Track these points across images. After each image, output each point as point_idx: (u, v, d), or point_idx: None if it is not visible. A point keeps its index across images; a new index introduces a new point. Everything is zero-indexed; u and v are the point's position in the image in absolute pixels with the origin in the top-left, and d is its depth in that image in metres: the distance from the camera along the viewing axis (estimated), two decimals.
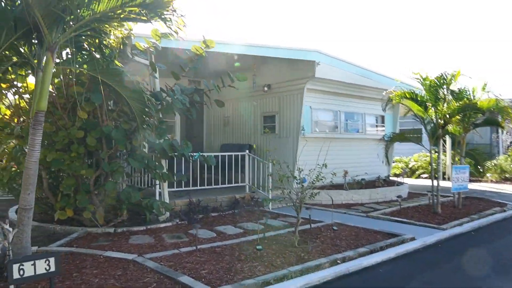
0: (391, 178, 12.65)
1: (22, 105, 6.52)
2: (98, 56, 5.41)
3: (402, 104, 8.76)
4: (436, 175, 8.50)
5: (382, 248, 5.64)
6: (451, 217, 7.96)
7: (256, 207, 8.83)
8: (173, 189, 8.37)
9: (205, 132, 13.36)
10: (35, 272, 3.46)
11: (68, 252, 5.15)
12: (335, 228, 6.49)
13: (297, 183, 6.49)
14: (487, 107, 8.25)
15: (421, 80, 8.19)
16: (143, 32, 6.45)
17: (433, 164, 8.69)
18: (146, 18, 4.39)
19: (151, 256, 5.01)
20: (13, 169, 6.77)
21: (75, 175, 6.42)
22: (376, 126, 12.59)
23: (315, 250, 5.42)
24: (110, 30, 5.08)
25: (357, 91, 11.35)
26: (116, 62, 5.43)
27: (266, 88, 10.82)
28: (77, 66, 4.88)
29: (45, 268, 3.52)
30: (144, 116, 5.60)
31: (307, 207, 9.26)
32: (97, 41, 5.19)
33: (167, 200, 7.25)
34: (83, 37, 4.66)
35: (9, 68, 5.27)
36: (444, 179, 14.78)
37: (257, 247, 5.29)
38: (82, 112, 6.17)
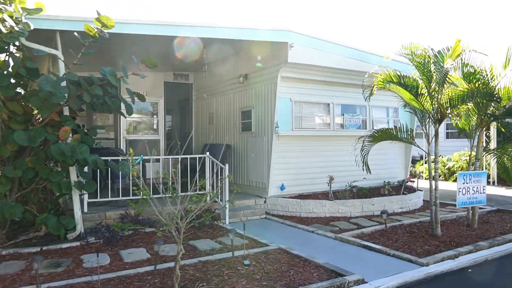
0: (409, 183, 10.38)
1: None
2: None
3: (390, 90, 6.71)
4: (434, 181, 6.37)
5: None
6: (451, 243, 5.85)
7: (210, 220, 7.34)
8: (110, 199, 7.23)
9: (194, 130, 12.08)
10: None
11: None
12: (246, 262, 4.80)
13: None
14: (507, 94, 5.99)
15: (411, 56, 6.15)
16: None
17: (431, 166, 6.54)
18: None
19: None
20: None
21: None
22: (388, 121, 10.42)
23: None
24: None
25: (355, 79, 9.30)
26: None
27: (241, 79, 9.23)
28: None
29: None
30: None
31: (278, 221, 7.63)
32: None
33: (77, 214, 6.05)
34: None
35: None
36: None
37: None
38: None
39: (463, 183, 6.33)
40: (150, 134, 11.43)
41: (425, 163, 16.14)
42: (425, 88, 6.11)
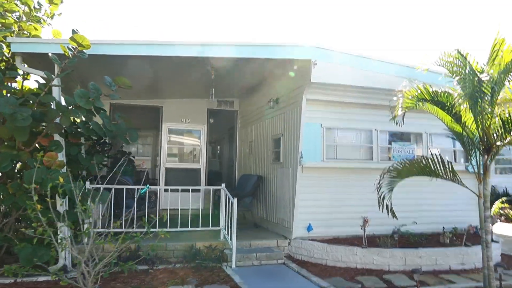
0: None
1: None
2: None
3: (427, 110, 5.22)
4: (485, 234, 4.63)
5: None
6: None
7: (216, 261, 6.47)
8: (114, 230, 6.80)
9: (237, 159, 11.43)
10: None
11: None
12: None
13: None
14: None
15: (449, 64, 4.70)
16: None
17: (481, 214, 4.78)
18: None
19: None
20: None
21: None
22: (454, 151, 8.52)
23: None
24: None
25: None
26: None
27: (271, 103, 8.39)
28: None
29: None
30: None
31: (294, 268, 6.40)
32: None
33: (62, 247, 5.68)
34: None
35: None
36: None
37: None
38: None
39: None
40: (191, 163, 11.07)
41: None
42: (467, 106, 4.57)
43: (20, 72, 5.73)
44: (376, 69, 7.34)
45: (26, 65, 5.78)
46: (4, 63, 5.74)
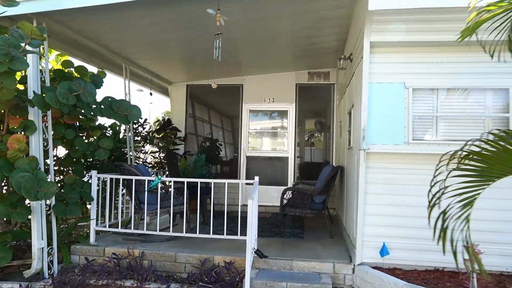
0: None
1: None
2: None
3: None
4: None
5: None
6: None
7: (228, 287, 4.58)
8: (126, 231, 5.64)
9: (333, 145, 8.94)
10: None
11: None
12: None
13: None
14: None
15: None
16: None
17: None
18: None
19: None
20: None
21: None
22: None
23: None
24: None
25: None
26: None
27: (342, 62, 5.83)
28: None
29: None
30: None
31: None
32: None
33: (34, 246, 4.75)
34: None
35: None
36: None
37: None
38: None
39: None
40: (276, 151, 9.21)
41: None
42: None
43: None
44: None
45: None
46: None
